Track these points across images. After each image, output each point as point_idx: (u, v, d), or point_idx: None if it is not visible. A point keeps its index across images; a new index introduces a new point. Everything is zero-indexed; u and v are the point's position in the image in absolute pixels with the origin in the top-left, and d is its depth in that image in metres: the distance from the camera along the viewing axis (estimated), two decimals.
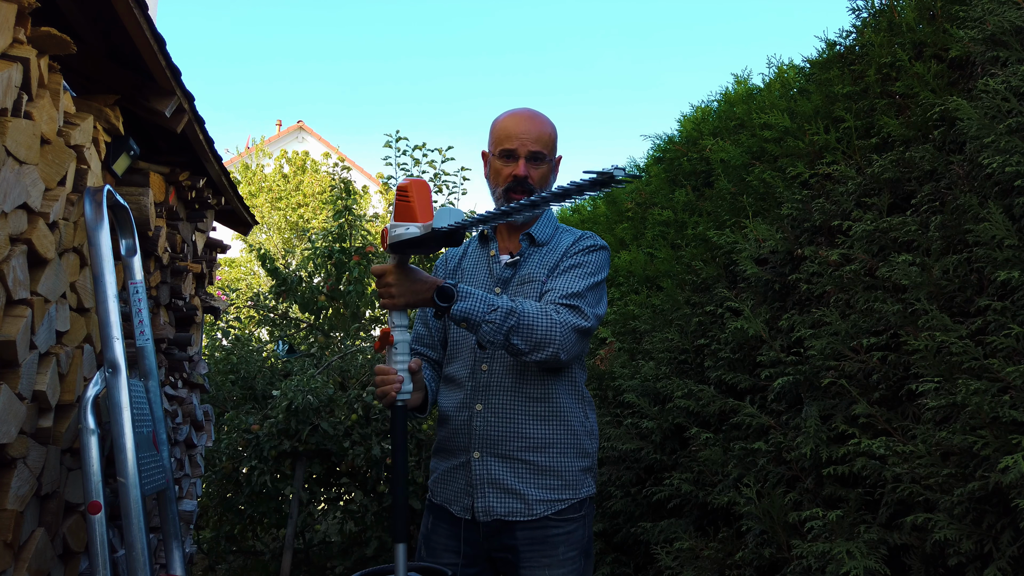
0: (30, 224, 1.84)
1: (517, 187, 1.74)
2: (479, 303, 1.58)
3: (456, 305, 1.57)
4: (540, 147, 1.75)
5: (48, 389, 1.90)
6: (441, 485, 1.80)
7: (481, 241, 1.90)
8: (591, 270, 1.73)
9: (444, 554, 1.75)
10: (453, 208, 1.49)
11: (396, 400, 1.58)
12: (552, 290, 1.70)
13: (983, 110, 1.81)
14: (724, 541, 2.30)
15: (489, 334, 1.59)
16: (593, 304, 1.71)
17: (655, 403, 2.87)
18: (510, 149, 1.75)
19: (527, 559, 1.68)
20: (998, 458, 1.52)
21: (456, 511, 1.74)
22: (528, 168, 1.75)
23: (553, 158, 1.81)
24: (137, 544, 1.89)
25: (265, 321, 7.11)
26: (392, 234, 1.55)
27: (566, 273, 1.73)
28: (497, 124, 1.81)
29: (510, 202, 1.70)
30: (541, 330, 1.60)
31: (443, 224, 1.47)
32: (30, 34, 1.83)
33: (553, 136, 1.80)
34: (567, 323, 1.62)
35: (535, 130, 1.76)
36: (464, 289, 1.59)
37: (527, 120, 1.77)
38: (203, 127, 2.89)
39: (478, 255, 1.88)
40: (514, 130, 1.76)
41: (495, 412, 1.71)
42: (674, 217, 3.39)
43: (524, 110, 1.81)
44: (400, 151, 6.72)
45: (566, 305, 1.66)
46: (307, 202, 11.29)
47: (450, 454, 1.79)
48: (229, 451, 4.81)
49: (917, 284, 1.85)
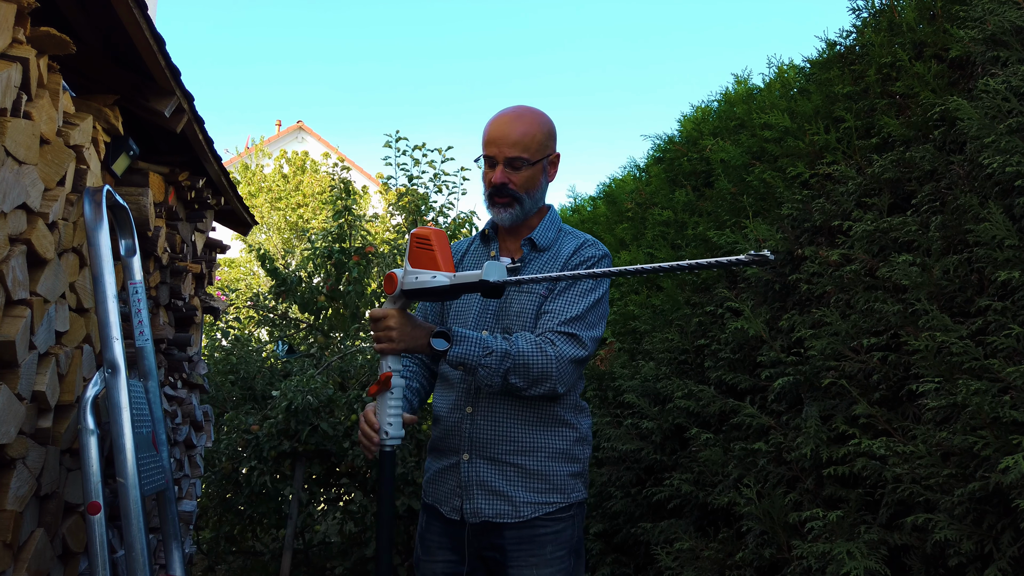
0: (29, 224, 1.83)
1: (498, 193, 1.73)
2: (474, 346, 1.60)
3: (452, 350, 1.60)
4: (519, 151, 1.70)
5: (47, 389, 1.90)
6: (433, 486, 1.81)
7: (483, 240, 1.89)
8: (589, 286, 1.72)
9: (438, 551, 1.77)
10: (499, 264, 1.52)
11: (385, 446, 1.60)
12: (550, 313, 1.70)
13: (983, 110, 1.81)
14: (724, 542, 2.29)
15: (486, 377, 1.62)
16: (592, 325, 1.72)
17: (655, 403, 2.87)
18: (489, 156, 1.73)
19: (514, 558, 1.69)
20: (998, 458, 1.52)
21: (445, 511, 1.75)
22: (507, 174, 1.71)
23: (540, 159, 1.74)
24: (136, 545, 1.89)
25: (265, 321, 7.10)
26: (409, 280, 1.56)
27: (565, 292, 1.71)
28: (485, 127, 1.78)
29: (493, 206, 1.75)
30: (538, 368, 1.62)
31: (491, 278, 1.48)
32: (29, 34, 1.82)
33: (538, 137, 1.73)
34: (564, 356, 1.64)
35: (515, 134, 1.70)
36: (458, 334, 1.61)
37: (507, 123, 1.72)
38: (203, 127, 2.89)
39: (479, 254, 1.88)
40: (493, 135, 1.72)
41: (485, 416, 1.72)
42: (674, 217, 3.38)
43: (509, 111, 1.76)
44: (400, 151, 6.72)
45: (564, 334, 1.66)
46: (307, 202, 11.28)
47: (442, 455, 1.80)
48: (229, 451, 4.80)
49: (917, 284, 1.85)
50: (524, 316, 1.73)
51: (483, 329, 1.75)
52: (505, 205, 1.74)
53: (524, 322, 1.73)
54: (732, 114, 3.42)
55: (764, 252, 1.17)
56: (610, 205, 4.37)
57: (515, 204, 1.74)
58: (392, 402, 1.60)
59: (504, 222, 1.76)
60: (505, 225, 1.78)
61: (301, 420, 4.55)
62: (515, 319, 1.74)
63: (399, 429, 1.60)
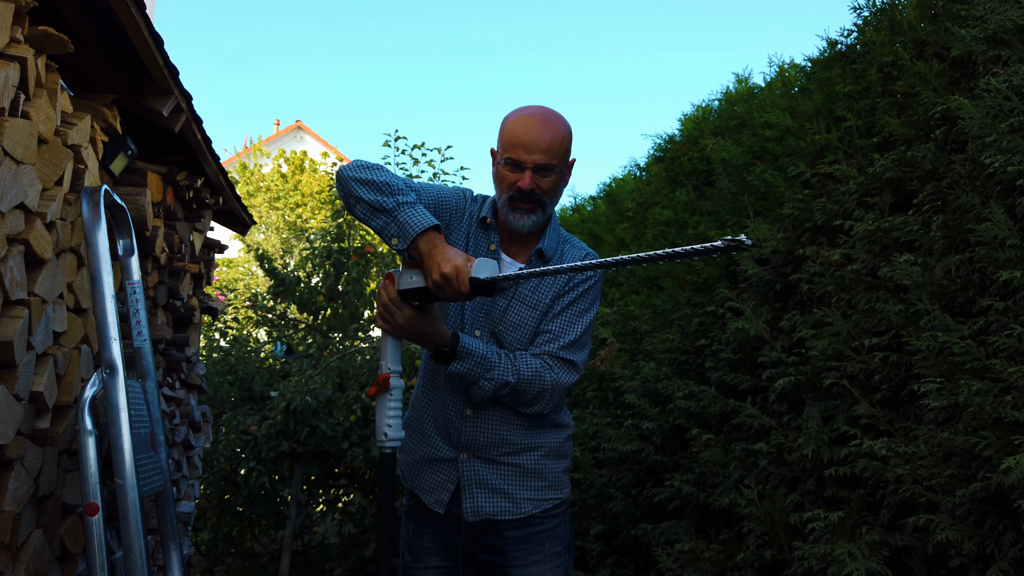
0: (27, 224, 1.83)
1: (523, 199, 1.66)
2: (476, 366, 1.61)
3: (454, 365, 1.61)
4: (549, 158, 1.63)
5: (45, 390, 1.89)
6: (414, 472, 1.78)
7: (482, 226, 1.79)
8: (586, 305, 1.73)
9: (429, 558, 1.74)
10: (490, 260, 1.51)
11: (385, 447, 1.59)
12: (550, 334, 1.70)
13: (985, 109, 1.80)
14: (725, 543, 2.29)
15: (478, 396, 1.65)
16: (585, 346, 1.75)
17: (656, 404, 2.86)
18: (517, 159, 1.63)
19: (515, 557, 1.69)
20: (1000, 459, 1.51)
21: (428, 501, 1.73)
22: (534, 180, 1.64)
23: (564, 166, 1.69)
24: (135, 546, 1.88)
25: (263, 321, 7.09)
26: (405, 281, 1.56)
27: (567, 312, 1.71)
28: (507, 126, 1.67)
29: (515, 211, 1.67)
30: (531, 394, 1.66)
31: (481, 275, 1.47)
32: (27, 33, 1.82)
33: (565, 143, 1.66)
34: (558, 385, 1.67)
35: (545, 140, 1.62)
36: (464, 348, 1.60)
37: (538, 127, 1.63)
38: (201, 126, 2.88)
39: (477, 241, 1.79)
40: (523, 138, 1.62)
41: (485, 418, 1.71)
42: (675, 217, 3.38)
43: (536, 113, 1.66)
44: (399, 151, 6.72)
45: (563, 360, 1.69)
46: (305, 202, 11.27)
47: (427, 442, 1.76)
48: (227, 452, 4.80)
49: (919, 284, 1.84)
50: (521, 329, 1.71)
51: (475, 330, 1.72)
52: (529, 211, 1.67)
53: (520, 336, 1.71)
54: (733, 113, 3.42)
55: (741, 237, 1.16)
56: (610, 204, 4.37)
57: (538, 210, 1.68)
58: (391, 403, 1.59)
59: (523, 228, 1.69)
60: (524, 231, 1.71)
61: (300, 421, 4.54)
62: (511, 330, 1.71)
63: (399, 430, 1.59)
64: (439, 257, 1.49)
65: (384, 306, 1.61)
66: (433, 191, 1.77)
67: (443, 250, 1.50)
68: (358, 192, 1.57)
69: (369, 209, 1.57)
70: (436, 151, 6.75)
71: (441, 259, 1.49)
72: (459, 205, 1.79)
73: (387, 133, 7.68)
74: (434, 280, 1.49)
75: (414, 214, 1.53)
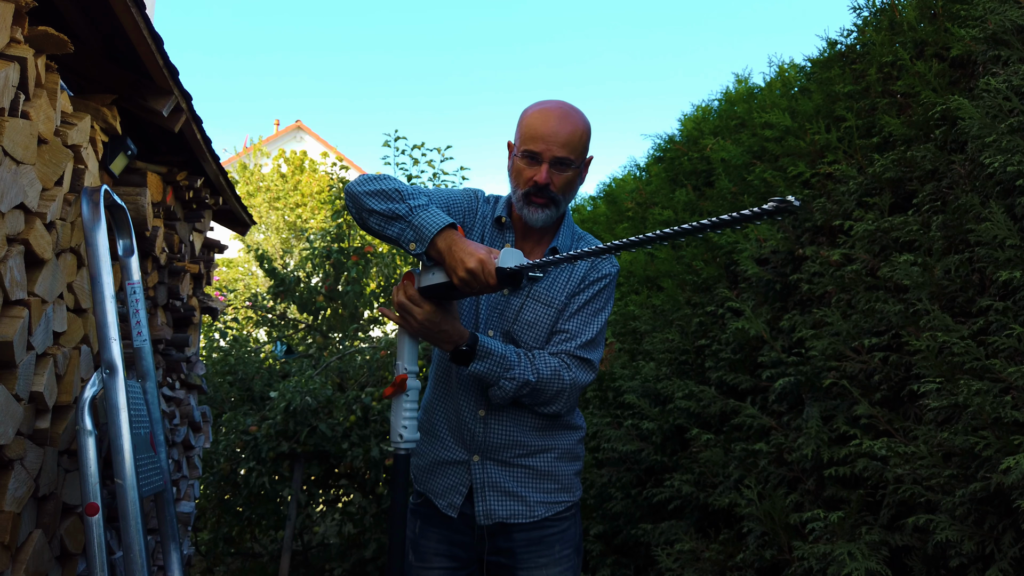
0: (27, 224, 1.83)
1: (538, 194, 1.64)
2: (496, 366, 1.58)
3: (473, 365, 1.58)
4: (567, 152, 1.60)
5: (45, 390, 1.89)
6: (427, 475, 1.76)
7: (497, 226, 1.77)
8: (601, 303, 1.72)
9: (435, 558, 1.72)
10: (516, 250, 1.45)
11: (400, 449, 1.57)
12: (567, 333, 1.68)
13: (984, 109, 1.80)
14: (725, 543, 2.29)
15: (498, 396, 1.62)
16: (600, 345, 1.72)
17: (655, 404, 2.86)
18: (534, 152, 1.60)
19: (524, 560, 1.67)
20: (1000, 459, 1.51)
21: (441, 505, 1.72)
22: (551, 174, 1.62)
23: (582, 162, 1.67)
24: (135, 546, 1.88)
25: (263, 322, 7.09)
26: (426, 278, 1.53)
27: (583, 311, 1.69)
28: (526, 118, 1.65)
29: (529, 205, 1.64)
30: (551, 393, 1.64)
31: (508, 265, 1.43)
32: (27, 33, 1.82)
33: (585, 138, 1.64)
34: (577, 384, 1.66)
35: (564, 133, 1.60)
36: (483, 348, 1.58)
37: (558, 120, 1.61)
38: (201, 126, 2.88)
39: (492, 241, 1.77)
40: (541, 130, 1.60)
41: (498, 419, 1.69)
42: (675, 217, 3.38)
43: (557, 107, 1.64)
44: (399, 150, 6.72)
45: (580, 359, 1.67)
46: (305, 202, 11.28)
47: (440, 445, 1.74)
48: (227, 452, 4.80)
49: (919, 284, 1.84)
50: (537, 327, 1.69)
51: (488, 329, 1.70)
52: (543, 206, 1.65)
53: (536, 334, 1.69)
54: (733, 113, 3.42)
55: (789, 197, 1.07)
56: (610, 204, 4.37)
57: (552, 206, 1.66)
58: (407, 404, 1.56)
59: (537, 223, 1.67)
60: (538, 226, 1.70)
61: (300, 421, 4.54)
62: (527, 328, 1.69)
63: (414, 432, 1.56)
64: (461, 253, 1.46)
65: (402, 304, 1.58)
66: (443, 195, 1.75)
67: (464, 245, 1.47)
68: (369, 204, 1.56)
69: (382, 219, 1.55)
70: (436, 151, 6.75)
71: (464, 254, 1.45)
72: (471, 206, 1.78)
73: (387, 133, 7.69)
74: (460, 277, 1.45)
75: (429, 216, 1.51)
